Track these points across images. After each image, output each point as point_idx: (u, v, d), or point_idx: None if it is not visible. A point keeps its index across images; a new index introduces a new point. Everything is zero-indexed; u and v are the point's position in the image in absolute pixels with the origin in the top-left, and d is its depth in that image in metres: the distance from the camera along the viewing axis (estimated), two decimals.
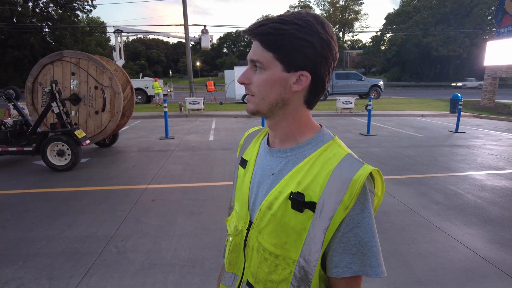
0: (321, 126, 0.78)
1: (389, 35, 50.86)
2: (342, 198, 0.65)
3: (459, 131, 9.75)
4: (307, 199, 0.67)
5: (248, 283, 0.79)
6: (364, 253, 0.66)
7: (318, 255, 0.67)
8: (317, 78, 0.70)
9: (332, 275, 0.68)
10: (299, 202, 0.67)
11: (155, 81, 18.62)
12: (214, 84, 20.57)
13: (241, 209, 0.81)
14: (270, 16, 0.70)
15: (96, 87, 6.35)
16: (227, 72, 20.74)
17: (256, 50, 0.69)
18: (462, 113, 11.03)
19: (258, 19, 0.71)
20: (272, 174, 0.75)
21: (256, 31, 0.69)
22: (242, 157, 0.88)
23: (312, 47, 0.67)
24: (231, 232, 0.85)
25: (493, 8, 29.46)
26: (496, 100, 16.15)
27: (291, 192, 0.68)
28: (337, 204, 0.65)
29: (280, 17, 0.68)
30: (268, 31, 0.67)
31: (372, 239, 0.66)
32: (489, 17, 39.96)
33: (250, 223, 0.78)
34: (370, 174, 0.68)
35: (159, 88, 18.03)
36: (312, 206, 0.67)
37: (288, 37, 0.66)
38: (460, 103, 10.09)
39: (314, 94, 0.72)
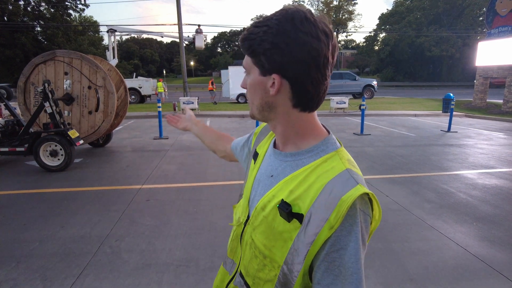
0: (329, 132, 0.74)
1: (382, 35, 51.28)
2: (328, 217, 0.61)
3: (451, 130, 9.87)
4: (295, 210, 0.65)
5: (240, 274, 0.82)
6: (345, 278, 0.62)
7: (300, 267, 0.65)
8: (292, 80, 0.65)
9: None
10: (284, 212, 0.66)
11: (159, 81, 20.96)
12: (212, 83, 20.67)
13: (244, 202, 0.83)
14: (264, 16, 0.69)
15: (89, 87, 6.30)
16: (223, 72, 20.77)
17: (245, 56, 0.72)
18: (454, 113, 11.18)
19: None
20: (272, 176, 0.75)
21: (240, 37, 0.70)
22: (256, 149, 0.88)
23: (277, 49, 0.63)
24: (235, 222, 0.88)
25: (484, 9, 29.82)
26: (487, 100, 16.37)
27: (281, 200, 0.67)
28: (323, 222, 0.62)
29: (259, 20, 0.68)
30: (245, 36, 0.68)
31: (355, 265, 0.61)
32: (481, 18, 40.48)
33: (248, 218, 0.79)
34: (368, 196, 0.64)
35: (162, 88, 20.56)
36: (299, 217, 0.65)
37: (256, 40, 0.65)
38: (453, 103, 10.21)
39: (300, 97, 0.67)
